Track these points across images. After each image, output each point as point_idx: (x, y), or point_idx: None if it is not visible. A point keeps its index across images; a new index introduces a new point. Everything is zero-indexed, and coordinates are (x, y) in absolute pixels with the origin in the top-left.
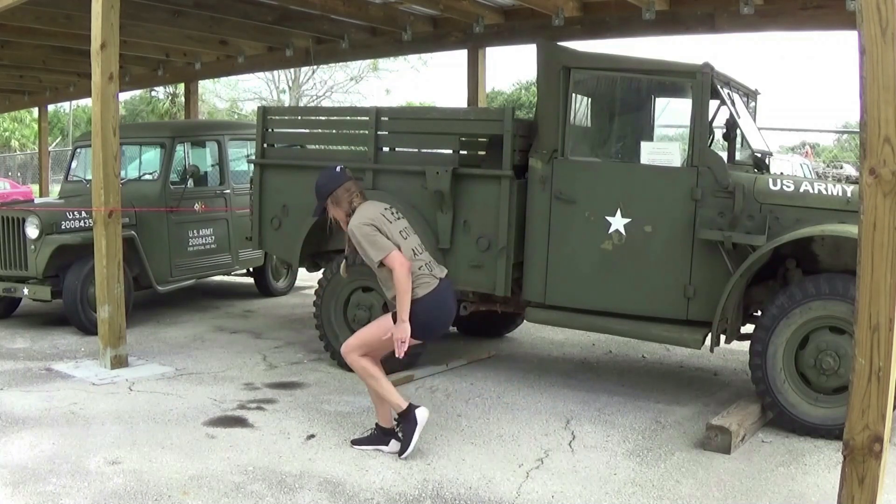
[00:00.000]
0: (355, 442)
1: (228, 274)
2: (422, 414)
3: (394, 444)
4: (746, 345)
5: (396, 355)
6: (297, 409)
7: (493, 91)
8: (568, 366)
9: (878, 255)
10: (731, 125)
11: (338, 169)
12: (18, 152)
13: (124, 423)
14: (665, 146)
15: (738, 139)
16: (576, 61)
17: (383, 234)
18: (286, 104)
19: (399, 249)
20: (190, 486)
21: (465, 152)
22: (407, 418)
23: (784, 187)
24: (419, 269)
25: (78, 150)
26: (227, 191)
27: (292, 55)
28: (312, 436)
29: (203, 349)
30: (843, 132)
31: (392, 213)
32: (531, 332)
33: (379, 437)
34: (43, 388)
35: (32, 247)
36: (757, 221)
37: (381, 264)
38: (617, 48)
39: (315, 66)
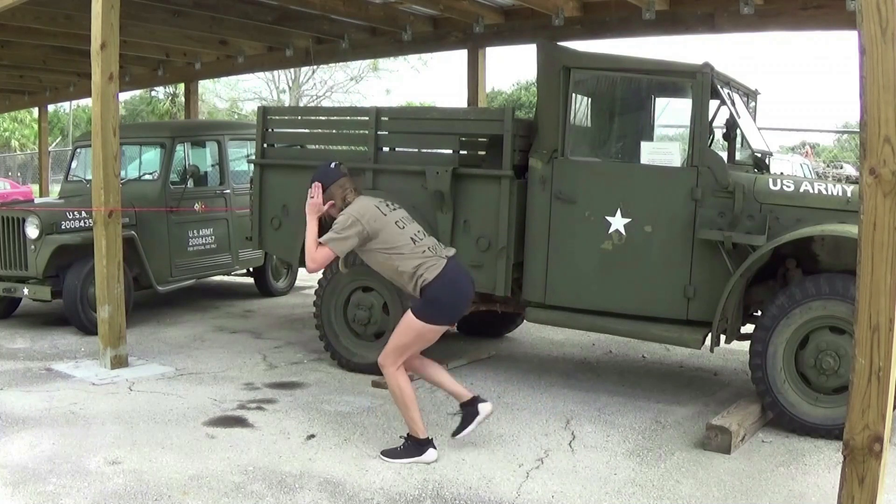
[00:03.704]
0: (386, 454)
1: (228, 274)
2: (431, 455)
3: (431, 453)
4: (746, 345)
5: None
6: (297, 409)
7: (493, 91)
8: (568, 366)
9: (878, 255)
10: (731, 125)
11: (332, 165)
12: (18, 152)
13: (124, 423)
14: (665, 146)
15: (738, 139)
16: (576, 61)
17: (364, 231)
18: (286, 104)
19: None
20: (190, 486)
21: (465, 152)
22: (418, 444)
23: (784, 187)
24: (423, 253)
25: (78, 150)
26: (227, 191)
27: (292, 55)
28: (312, 436)
29: (203, 349)
30: (843, 132)
31: (387, 206)
32: (531, 332)
33: (412, 448)
34: (43, 388)
35: (32, 247)
36: (757, 221)
37: (318, 245)
38: (617, 48)
39: (315, 66)
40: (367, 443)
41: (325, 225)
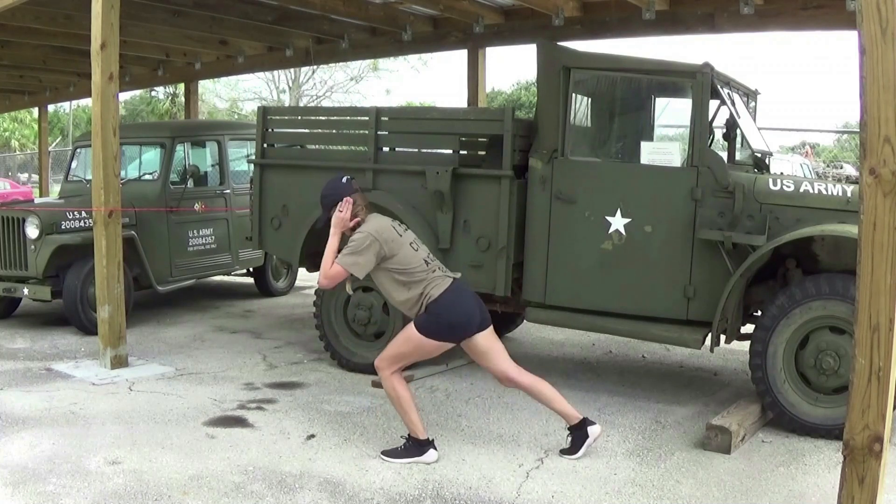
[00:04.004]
0: (386, 454)
1: (228, 274)
2: (431, 455)
3: (431, 454)
4: (746, 345)
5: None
6: (297, 409)
7: (493, 91)
8: (568, 366)
9: (878, 255)
10: (731, 125)
11: (344, 180)
12: (18, 152)
13: (124, 423)
14: (665, 146)
15: (738, 139)
16: (576, 61)
17: (382, 251)
18: (286, 104)
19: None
20: (190, 486)
21: (465, 152)
22: (419, 444)
23: (784, 187)
24: (433, 272)
25: (78, 150)
26: (227, 191)
27: (292, 55)
28: (312, 436)
29: (203, 349)
30: (843, 132)
31: (399, 226)
32: (531, 332)
33: (413, 448)
34: (43, 388)
35: (32, 247)
36: (757, 221)
37: (333, 262)
38: (617, 48)
39: (315, 66)
40: (367, 443)
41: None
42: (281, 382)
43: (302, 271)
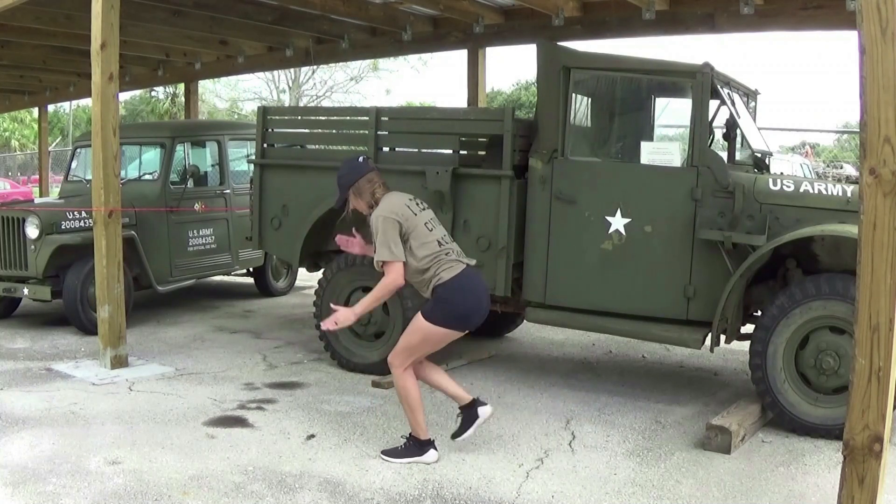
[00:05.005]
0: (386, 454)
1: (228, 274)
2: (432, 455)
3: (432, 454)
4: (746, 345)
5: (321, 325)
6: (297, 409)
7: (493, 91)
8: (568, 366)
9: (878, 255)
10: (731, 125)
11: (360, 159)
12: (18, 152)
13: (124, 423)
14: (665, 146)
15: (738, 139)
16: (576, 61)
17: (403, 232)
18: (286, 104)
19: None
20: (190, 486)
21: (465, 152)
22: (420, 444)
23: (784, 187)
24: (446, 254)
25: (78, 150)
26: (227, 191)
27: (292, 55)
28: (312, 436)
29: (203, 349)
30: (843, 132)
31: (416, 204)
32: (531, 332)
33: (413, 448)
34: (43, 388)
35: (32, 247)
36: (757, 221)
37: (382, 265)
38: (617, 48)
39: (315, 66)
40: (367, 443)
41: (349, 221)
42: (281, 382)
43: (302, 271)
